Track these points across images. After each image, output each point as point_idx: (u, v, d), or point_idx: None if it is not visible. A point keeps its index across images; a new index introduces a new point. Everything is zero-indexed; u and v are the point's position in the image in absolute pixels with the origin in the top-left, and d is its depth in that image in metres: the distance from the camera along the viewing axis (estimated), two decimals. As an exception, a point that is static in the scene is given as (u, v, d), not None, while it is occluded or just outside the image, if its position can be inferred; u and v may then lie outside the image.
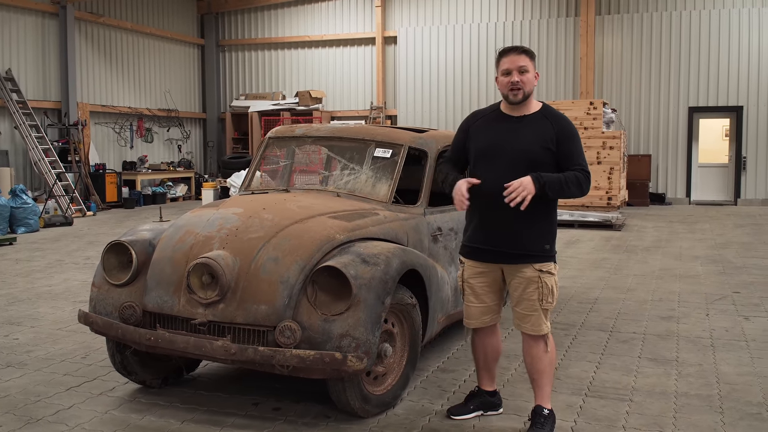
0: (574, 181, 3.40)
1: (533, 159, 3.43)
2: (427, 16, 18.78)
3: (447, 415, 3.83)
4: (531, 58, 3.49)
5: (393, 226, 4.28)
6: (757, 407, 3.99)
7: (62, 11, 15.65)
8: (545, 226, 3.52)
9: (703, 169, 17.24)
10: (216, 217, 3.94)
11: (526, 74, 3.45)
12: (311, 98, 19.03)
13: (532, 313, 3.52)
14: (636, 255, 9.44)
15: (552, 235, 3.55)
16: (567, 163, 3.46)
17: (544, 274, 3.48)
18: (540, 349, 3.56)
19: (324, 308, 3.52)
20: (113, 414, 3.87)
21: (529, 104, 3.54)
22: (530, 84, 3.47)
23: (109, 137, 17.56)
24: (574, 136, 3.50)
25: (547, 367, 3.58)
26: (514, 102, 3.50)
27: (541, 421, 3.55)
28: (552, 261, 3.54)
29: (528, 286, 3.50)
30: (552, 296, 3.51)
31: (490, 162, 3.52)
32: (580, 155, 3.48)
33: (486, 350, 3.79)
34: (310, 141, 5.11)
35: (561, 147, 3.46)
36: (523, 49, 3.50)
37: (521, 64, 3.44)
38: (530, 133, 3.47)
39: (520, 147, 3.45)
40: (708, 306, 6.47)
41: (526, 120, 3.51)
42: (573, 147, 3.47)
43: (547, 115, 3.53)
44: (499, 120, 3.58)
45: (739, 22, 16.47)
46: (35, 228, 11.91)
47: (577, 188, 3.42)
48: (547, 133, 3.46)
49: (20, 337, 5.42)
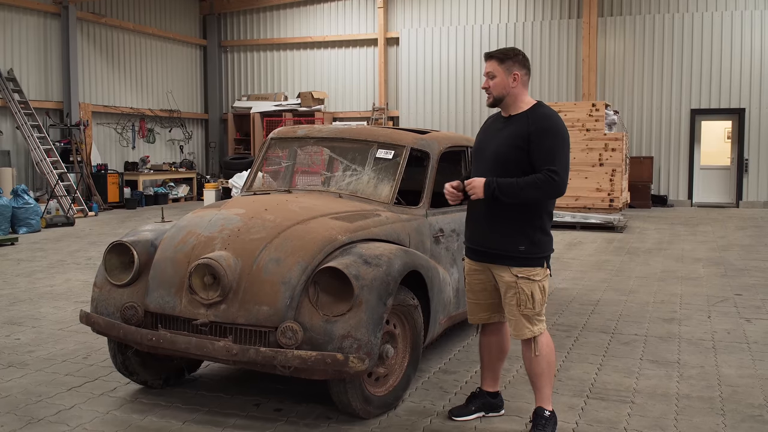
0: (530, 183, 3.34)
1: (504, 158, 3.47)
2: (429, 18, 18.78)
3: (448, 416, 3.83)
4: (500, 62, 3.52)
5: (395, 228, 4.28)
6: (759, 409, 3.98)
7: (64, 11, 15.67)
8: (523, 228, 3.46)
9: (705, 172, 17.23)
10: (218, 218, 3.94)
11: (495, 79, 3.53)
12: (313, 99, 19.04)
13: (512, 318, 3.54)
14: (638, 257, 9.44)
15: (528, 237, 3.45)
16: (537, 161, 3.38)
17: (522, 280, 3.44)
18: (527, 350, 3.57)
19: (326, 309, 3.52)
20: (115, 414, 3.87)
21: (517, 105, 3.55)
22: (498, 88, 3.52)
23: (111, 137, 17.58)
24: (548, 133, 3.39)
25: (544, 369, 3.56)
26: (488, 104, 3.65)
27: (542, 423, 3.55)
28: (534, 266, 3.47)
29: (507, 291, 3.52)
30: (532, 302, 3.46)
31: (477, 162, 3.66)
32: (550, 154, 3.36)
33: (491, 348, 3.81)
34: (312, 142, 5.11)
35: (531, 145, 3.40)
36: (491, 55, 3.58)
37: (488, 69, 3.57)
38: (508, 133, 3.51)
39: (494, 148, 3.54)
40: (710, 308, 6.46)
41: (511, 120, 3.56)
42: (544, 144, 3.37)
43: (530, 113, 3.50)
44: (494, 122, 3.70)
45: (741, 25, 16.46)
46: (37, 228, 11.92)
47: (535, 190, 3.34)
48: (522, 131, 3.44)
49: (22, 337, 5.43)
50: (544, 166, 3.36)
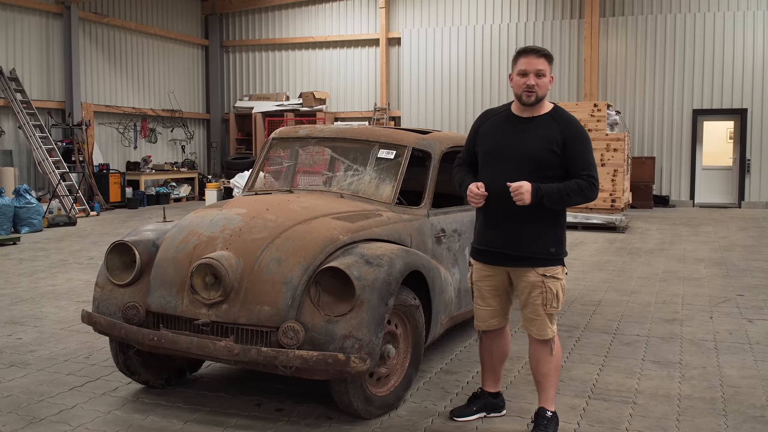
0: (575, 189, 3.36)
1: (538, 161, 3.40)
2: (431, 18, 18.78)
3: (450, 417, 3.82)
4: (549, 61, 3.44)
5: (396, 228, 4.28)
6: (761, 410, 3.98)
7: (66, 11, 15.68)
8: (551, 229, 3.48)
9: (707, 172, 17.21)
10: (219, 218, 3.94)
11: (543, 78, 3.41)
12: (315, 99, 19.04)
13: (536, 318, 3.51)
14: (640, 257, 9.43)
15: (557, 240, 3.50)
16: (573, 167, 3.40)
17: (549, 279, 3.46)
18: (545, 352, 3.55)
19: (327, 309, 3.52)
20: (116, 414, 3.87)
21: (540, 106, 3.50)
22: (545, 88, 3.43)
23: (112, 137, 17.59)
24: (581, 139, 3.43)
25: (552, 370, 3.57)
26: (526, 104, 3.47)
27: (544, 423, 3.55)
28: (559, 264, 3.51)
29: (532, 291, 3.48)
30: (557, 301, 3.48)
31: (495, 164, 3.50)
32: (586, 159, 3.41)
33: (492, 352, 3.79)
34: (314, 142, 5.11)
35: (567, 150, 3.40)
36: (544, 53, 3.43)
37: (540, 67, 3.40)
38: (536, 135, 3.43)
39: (525, 149, 3.43)
40: (712, 309, 6.45)
41: (535, 121, 3.47)
42: (580, 150, 3.41)
43: (556, 116, 3.48)
44: (508, 121, 3.56)
45: (744, 25, 16.44)
46: (39, 228, 11.93)
47: (579, 196, 3.37)
48: (554, 136, 3.41)
49: (24, 337, 5.43)
50: (583, 172, 3.39)
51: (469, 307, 5.02)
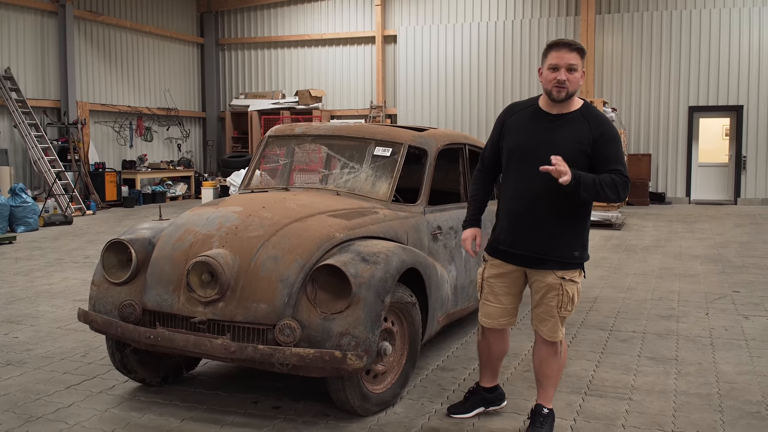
0: (609, 183, 3.21)
1: (567, 161, 3.17)
2: (427, 15, 18.76)
3: (447, 414, 3.83)
4: (582, 56, 3.30)
5: (393, 225, 4.28)
6: (757, 406, 3.99)
7: (61, 10, 15.63)
8: (576, 232, 3.38)
9: (703, 169, 17.23)
10: (215, 216, 3.94)
11: (574, 73, 3.27)
12: (311, 97, 19.02)
13: (549, 319, 3.46)
14: (636, 254, 9.44)
15: (582, 243, 3.41)
16: (603, 167, 3.27)
17: (567, 282, 3.38)
18: (551, 353, 3.52)
19: (323, 307, 3.52)
20: (113, 412, 3.87)
21: (570, 102, 3.36)
22: (576, 84, 3.29)
23: (108, 136, 17.55)
24: (614, 139, 3.31)
25: (555, 372, 3.55)
26: (557, 100, 3.32)
27: (540, 420, 3.54)
28: (578, 268, 3.43)
29: (549, 292, 3.41)
30: (572, 304, 3.42)
31: (522, 163, 3.37)
32: (618, 160, 3.28)
33: (491, 349, 3.76)
34: (310, 140, 5.11)
35: (598, 151, 3.28)
36: (576, 46, 3.29)
37: (572, 62, 3.26)
38: (566, 133, 3.30)
39: (554, 148, 3.26)
40: (707, 305, 6.47)
41: (564, 119, 3.34)
42: (611, 151, 3.28)
43: (586, 114, 3.34)
44: (535, 117, 3.41)
45: (739, 21, 16.46)
46: (35, 227, 11.91)
47: (612, 191, 3.22)
48: (584, 135, 3.29)
49: (20, 336, 5.42)
50: (614, 169, 3.26)
51: (465, 304, 5.03)
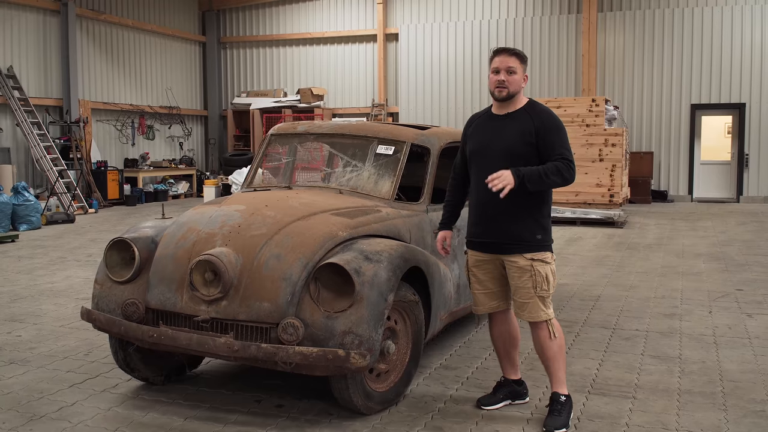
0: (553, 170, 3.50)
1: (516, 154, 3.57)
2: (428, 13, 18.75)
3: (477, 405, 3.90)
4: (521, 61, 3.65)
5: (395, 223, 4.28)
6: (761, 404, 3.98)
7: (64, 8, 15.64)
8: (535, 218, 3.63)
9: (706, 167, 17.21)
10: (218, 215, 3.94)
11: (514, 75, 3.61)
12: (313, 95, 19.02)
13: (528, 301, 3.63)
14: (638, 252, 9.43)
15: (543, 227, 3.66)
16: (548, 154, 3.56)
17: (537, 263, 3.61)
18: (545, 336, 3.67)
19: (327, 305, 3.52)
20: (116, 411, 3.87)
21: (514, 102, 3.68)
22: (516, 84, 3.62)
23: (110, 134, 17.56)
24: (555, 128, 3.60)
25: (557, 353, 3.68)
26: (498, 98, 3.67)
27: (558, 408, 3.65)
28: (546, 250, 3.66)
29: (522, 275, 3.62)
30: (547, 284, 3.63)
31: (480, 160, 3.71)
32: (561, 146, 3.57)
33: (503, 337, 3.89)
34: (312, 138, 5.10)
35: (542, 140, 3.57)
36: (515, 52, 3.65)
37: (510, 65, 3.61)
38: (513, 129, 3.63)
39: (504, 144, 3.63)
40: (711, 303, 6.46)
41: (510, 117, 3.67)
42: (553, 138, 3.58)
43: (529, 110, 3.66)
44: (489, 120, 3.77)
45: (741, 19, 16.43)
46: (37, 225, 11.92)
47: (557, 177, 3.51)
48: (528, 128, 3.60)
49: (23, 334, 5.43)
50: (556, 155, 3.54)
51: (468, 302, 5.02)
